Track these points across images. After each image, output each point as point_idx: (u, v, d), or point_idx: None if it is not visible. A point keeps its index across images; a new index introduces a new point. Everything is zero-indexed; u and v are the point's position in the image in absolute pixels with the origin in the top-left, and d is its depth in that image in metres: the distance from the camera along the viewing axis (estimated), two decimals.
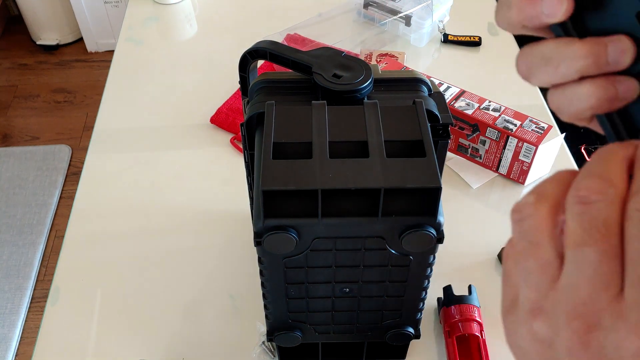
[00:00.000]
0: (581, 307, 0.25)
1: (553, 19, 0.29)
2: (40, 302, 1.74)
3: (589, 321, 0.25)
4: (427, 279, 0.56)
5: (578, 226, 0.26)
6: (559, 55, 0.29)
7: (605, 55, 0.28)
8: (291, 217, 0.48)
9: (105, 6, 2.42)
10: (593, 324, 0.25)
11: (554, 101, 0.30)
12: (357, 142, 0.49)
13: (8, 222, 1.92)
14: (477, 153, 0.90)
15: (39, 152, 2.15)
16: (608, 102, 0.28)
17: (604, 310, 0.25)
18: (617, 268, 0.25)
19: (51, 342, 0.73)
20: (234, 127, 0.98)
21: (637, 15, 0.27)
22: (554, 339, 0.26)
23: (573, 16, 0.29)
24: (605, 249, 0.25)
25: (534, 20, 0.29)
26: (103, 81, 1.11)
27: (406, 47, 1.14)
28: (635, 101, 0.29)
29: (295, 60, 0.55)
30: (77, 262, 0.82)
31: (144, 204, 0.89)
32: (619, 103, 0.29)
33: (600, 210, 0.25)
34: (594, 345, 0.25)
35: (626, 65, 0.28)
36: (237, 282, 0.78)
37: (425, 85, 0.57)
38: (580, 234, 0.25)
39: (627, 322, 0.24)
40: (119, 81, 1.11)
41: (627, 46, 0.28)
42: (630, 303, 0.24)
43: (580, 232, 0.25)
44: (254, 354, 0.71)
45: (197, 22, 1.26)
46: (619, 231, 0.25)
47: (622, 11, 0.28)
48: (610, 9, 0.28)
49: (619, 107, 0.29)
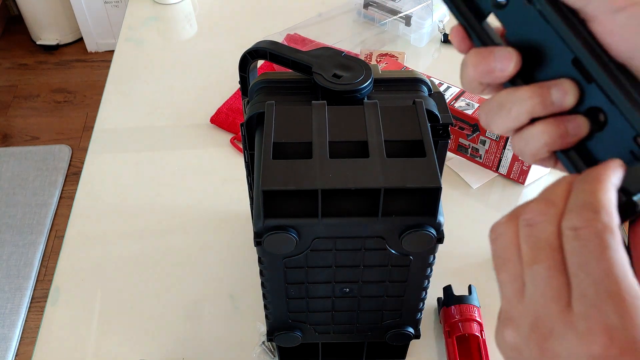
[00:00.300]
0: (538, 318, 0.28)
1: (505, 73, 0.32)
2: (40, 302, 1.74)
3: (544, 331, 0.27)
4: (427, 279, 0.56)
5: (527, 247, 0.29)
6: (510, 99, 0.32)
7: (549, 96, 0.31)
8: (291, 217, 0.48)
9: (105, 6, 2.42)
10: (548, 333, 0.27)
11: (515, 145, 0.33)
12: (357, 142, 0.49)
13: (8, 222, 1.92)
14: (477, 153, 0.90)
15: (39, 152, 2.15)
16: (560, 138, 0.31)
17: (556, 320, 0.27)
18: (563, 281, 0.27)
19: (51, 342, 0.73)
20: (234, 127, 0.98)
21: (572, 62, 0.31)
22: (522, 347, 0.29)
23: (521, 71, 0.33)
24: (550, 265, 0.28)
25: (489, 75, 0.33)
26: (103, 81, 1.11)
27: (406, 47, 1.14)
28: (589, 137, 0.31)
29: (295, 60, 0.55)
30: (77, 262, 0.82)
31: (144, 204, 0.89)
32: (571, 139, 0.31)
33: (542, 231, 0.28)
34: (550, 353, 0.27)
35: (571, 104, 0.31)
36: (237, 282, 0.78)
37: (425, 85, 0.57)
38: (529, 253, 0.28)
39: (576, 330, 0.26)
40: (119, 81, 1.11)
41: (568, 87, 0.31)
42: (578, 314, 0.26)
43: (529, 251, 0.28)
44: (254, 354, 0.71)
45: (197, 22, 1.26)
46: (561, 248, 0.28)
47: (560, 61, 0.31)
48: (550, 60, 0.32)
49: (573, 144, 0.32)
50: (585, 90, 0.31)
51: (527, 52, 0.32)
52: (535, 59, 0.32)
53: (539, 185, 0.90)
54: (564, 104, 0.31)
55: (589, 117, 0.31)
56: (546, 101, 0.31)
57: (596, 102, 0.31)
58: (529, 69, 0.33)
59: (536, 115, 0.32)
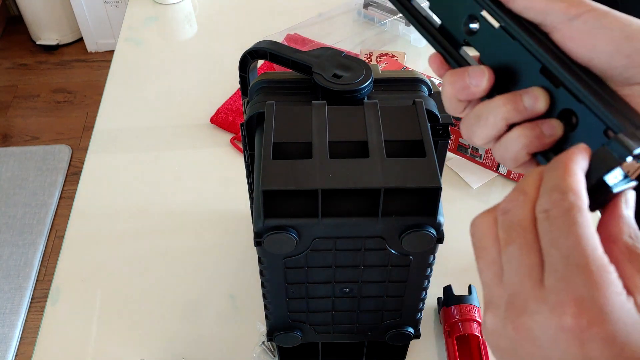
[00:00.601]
0: (513, 296, 0.29)
1: (479, 88, 0.35)
2: (40, 302, 1.74)
3: (518, 308, 0.29)
4: (427, 279, 0.56)
5: (502, 231, 0.30)
6: (486, 109, 0.35)
7: (521, 102, 0.34)
8: (291, 217, 0.48)
9: (105, 6, 2.42)
10: (522, 310, 0.28)
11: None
12: (357, 142, 0.49)
13: (8, 222, 1.92)
14: (477, 153, 0.90)
15: (39, 152, 2.15)
16: (537, 140, 0.34)
17: (529, 296, 0.28)
18: (536, 259, 0.29)
19: (51, 342, 0.73)
20: (234, 127, 0.98)
21: (541, 71, 0.34)
22: (500, 329, 0.30)
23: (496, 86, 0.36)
24: (522, 243, 0.29)
25: (465, 91, 0.36)
26: (103, 81, 1.11)
27: (406, 47, 1.14)
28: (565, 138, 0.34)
29: (295, 60, 0.55)
30: (77, 262, 0.82)
31: (144, 204, 0.89)
32: (547, 140, 0.33)
33: (514, 215, 0.30)
34: (524, 328, 0.28)
35: (542, 109, 0.34)
36: (237, 282, 0.78)
37: (425, 85, 0.57)
38: (504, 236, 0.30)
39: (547, 304, 0.27)
40: (119, 81, 1.11)
41: (538, 93, 0.34)
42: (549, 287, 0.28)
43: (504, 235, 0.30)
44: (254, 354, 0.71)
45: (197, 22, 1.26)
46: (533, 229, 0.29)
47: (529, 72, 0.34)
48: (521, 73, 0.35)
49: (549, 145, 0.34)
50: (555, 95, 0.33)
51: (500, 70, 0.36)
52: (508, 75, 0.36)
53: None
54: (535, 109, 0.34)
55: (562, 119, 0.33)
56: (519, 107, 0.34)
57: (566, 104, 0.33)
58: (502, 84, 0.36)
59: (512, 122, 0.34)
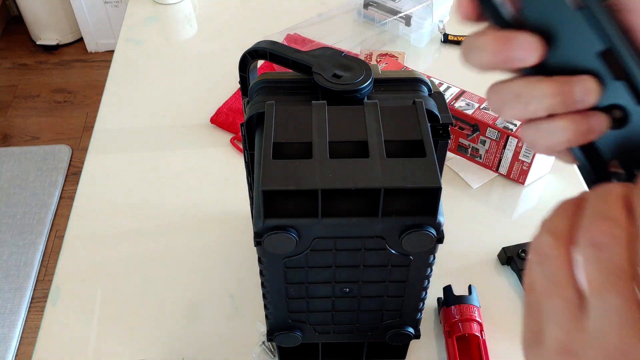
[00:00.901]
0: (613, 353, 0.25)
1: (525, 64, 0.30)
2: (40, 302, 1.74)
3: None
4: (427, 279, 0.56)
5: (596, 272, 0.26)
6: (529, 93, 0.30)
7: (572, 95, 0.29)
8: (291, 217, 0.48)
9: (105, 6, 2.42)
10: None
11: (529, 135, 0.32)
12: (357, 142, 0.49)
13: (8, 222, 1.92)
14: (477, 153, 0.90)
15: (39, 152, 2.15)
16: (582, 135, 0.30)
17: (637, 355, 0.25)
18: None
19: (51, 342, 0.73)
20: (234, 127, 0.98)
21: (601, 55, 0.28)
22: None
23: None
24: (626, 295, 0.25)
25: (506, 63, 0.31)
26: (103, 81, 1.11)
27: (406, 47, 1.14)
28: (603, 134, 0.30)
29: (295, 60, 0.55)
30: (77, 262, 0.82)
31: (144, 204, 0.89)
32: (591, 136, 0.30)
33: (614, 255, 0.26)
34: None
35: (592, 103, 0.29)
36: (237, 282, 0.78)
37: (425, 85, 0.57)
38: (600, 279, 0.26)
39: None
40: (119, 81, 1.11)
41: (592, 86, 0.29)
42: None
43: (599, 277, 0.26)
44: (254, 354, 0.71)
45: (197, 22, 1.26)
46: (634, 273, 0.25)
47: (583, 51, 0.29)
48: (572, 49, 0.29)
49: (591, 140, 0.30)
50: (608, 87, 0.29)
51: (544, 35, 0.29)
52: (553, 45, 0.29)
53: (538, 185, 0.90)
54: (585, 103, 0.30)
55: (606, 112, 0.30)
56: (568, 100, 0.29)
57: (621, 101, 0.29)
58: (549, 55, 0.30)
59: (555, 112, 0.30)
